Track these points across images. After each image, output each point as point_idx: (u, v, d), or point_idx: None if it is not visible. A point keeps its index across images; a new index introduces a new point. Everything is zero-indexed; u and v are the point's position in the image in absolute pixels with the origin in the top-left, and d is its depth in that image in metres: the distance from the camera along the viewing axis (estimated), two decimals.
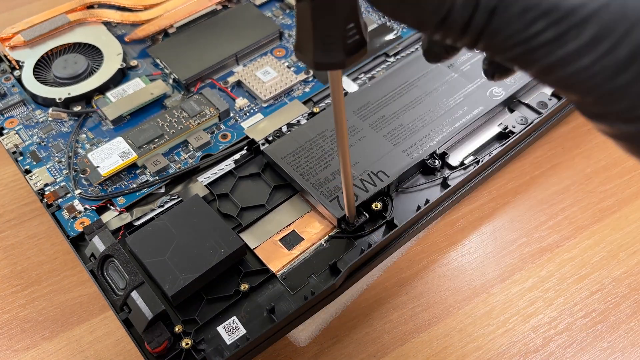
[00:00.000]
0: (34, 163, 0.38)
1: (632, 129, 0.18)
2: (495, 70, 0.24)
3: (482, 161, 0.36)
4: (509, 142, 0.37)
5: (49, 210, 0.36)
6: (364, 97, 0.39)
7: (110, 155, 0.37)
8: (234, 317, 0.30)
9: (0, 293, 0.37)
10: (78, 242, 0.34)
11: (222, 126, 0.40)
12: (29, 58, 0.44)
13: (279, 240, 0.34)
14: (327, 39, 0.20)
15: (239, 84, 0.43)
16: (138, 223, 0.35)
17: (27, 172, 0.38)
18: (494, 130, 0.38)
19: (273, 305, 0.30)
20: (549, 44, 0.17)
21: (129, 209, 0.36)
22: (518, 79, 0.40)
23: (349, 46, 0.21)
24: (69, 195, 0.36)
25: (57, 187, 0.37)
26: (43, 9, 0.47)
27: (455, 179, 0.36)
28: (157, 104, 0.42)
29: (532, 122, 0.38)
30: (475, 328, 0.34)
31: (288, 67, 0.43)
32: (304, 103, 0.41)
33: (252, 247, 0.33)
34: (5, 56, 0.45)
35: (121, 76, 0.44)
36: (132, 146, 0.38)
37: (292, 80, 0.42)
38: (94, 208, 0.36)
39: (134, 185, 0.36)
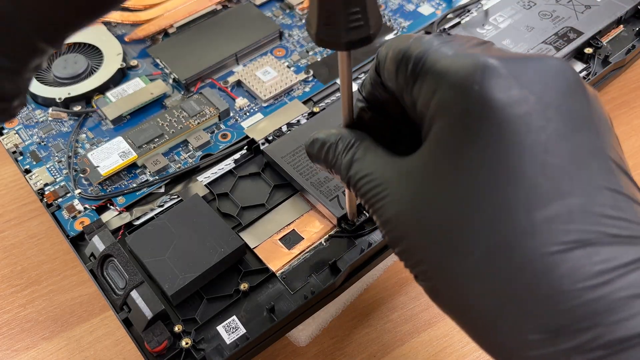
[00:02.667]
0: (34, 163, 0.38)
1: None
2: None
3: None
4: None
5: (49, 210, 0.36)
6: None
7: (110, 155, 0.37)
8: (234, 317, 0.30)
9: (0, 293, 0.37)
10: (78, 241, 0.34)
11: (222, 126, 0.40)
12: None
13: (279, 239, 0.34)
14: (329, 16, 0.21)
15: (239, 83, 0.43)
16: (138, 222, 0.35)
17: (27, 172, 0.38)
18: None
19: (273, 305, 0.30)
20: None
21: (128, 208, 0.36)
22: None
23: (351, 30, 0.21)
24: (68, 195, 0.36)
25: (57, 186, 0.37)
26: None
27: None
28: (157, 103, 0.42)
29: None
30: None
31: (288, 67, 0.43)
32: (304, 103, 0.41)
33: (252, 247, 0.33)
34: None
35: (121, 76, 0.44)
36: (132, 146, 0.38)
37: (292, 80, 0.42)
38: (94, 208, 0.36)
39: (134, 185, 0.36)
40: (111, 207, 0.36)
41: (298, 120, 0.39)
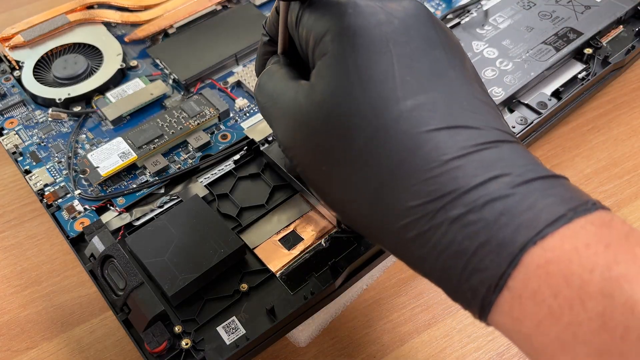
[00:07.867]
0: (34, 163, 0.38)
1: None
2: None
3: None
4: None
5: (49, 211, 0.36)
6: None
7: (110, 156, 0.37)
8: (234, 317, 0.30)
9: (0, 293, 0.37)
10: (78, 242, 0.34)
11: (222, 126, 0.40)
12: (29, 58, 0.44)
13: (279, 240, 0.34)
14: None
15: (238, 84, 0.43)
16: (138, 223, 0.35)
17: (27, 172, 0.38)
18: None
19: (273, 305, 0.30)
20: None
21: (128, 209, 0.36)
22: (518, 79, 0.40)
23: None
24: (68, 195, 0.36)
25: (57, 187, 0.37)
26: (43, 9, 0.47)
27: None
28: (157, 104, 0.42)
29: (531, 123, 0.38)
30: (475, 328, 0.34)
31: None
32: None
33: (251, 247, 0.33)
34: (5, 56, 0.45)
35: (121, 76, 0.44)
36: (131, 146, 0.38)
37: None
38: (94, 208, 0.36)
39: (134, 186, 0.36)
40: (111, 207, 0.36)
41: None
